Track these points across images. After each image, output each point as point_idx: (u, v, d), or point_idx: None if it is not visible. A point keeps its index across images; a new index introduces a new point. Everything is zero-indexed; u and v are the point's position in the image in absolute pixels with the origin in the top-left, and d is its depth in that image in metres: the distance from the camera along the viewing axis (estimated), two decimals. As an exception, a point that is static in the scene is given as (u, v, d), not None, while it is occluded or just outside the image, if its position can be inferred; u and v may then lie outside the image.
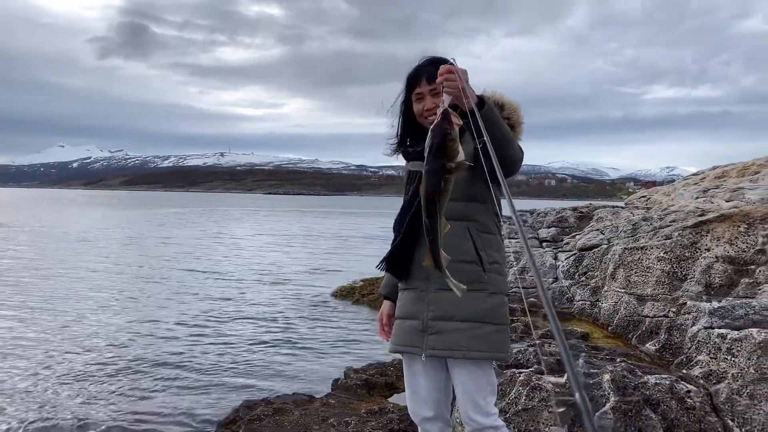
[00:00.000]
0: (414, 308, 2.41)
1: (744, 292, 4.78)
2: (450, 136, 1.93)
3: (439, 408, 2.49)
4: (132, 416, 6.00)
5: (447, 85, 2.05)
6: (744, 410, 3.43)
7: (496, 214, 2.43)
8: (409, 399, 2.54)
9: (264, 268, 18.18)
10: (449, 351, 2.32)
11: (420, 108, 2.41)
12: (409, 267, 2.44)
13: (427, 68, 2.40)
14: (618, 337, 5.38)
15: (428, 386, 2.46)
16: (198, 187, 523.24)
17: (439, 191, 1.95)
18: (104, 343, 8.74)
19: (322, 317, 11.08)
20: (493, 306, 2.34)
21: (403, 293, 2.51)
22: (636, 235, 6.36)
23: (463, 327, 2.30)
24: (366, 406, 5.61)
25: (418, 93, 2.41)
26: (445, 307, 2.33)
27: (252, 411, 5.38)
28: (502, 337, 2.34)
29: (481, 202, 2.36)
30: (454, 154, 1.94)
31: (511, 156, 2.20)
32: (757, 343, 3.53)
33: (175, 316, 10.77)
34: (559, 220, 8.58)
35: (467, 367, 2.33)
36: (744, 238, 5.26)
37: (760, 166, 9.65)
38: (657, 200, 9.95)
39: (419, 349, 2.37)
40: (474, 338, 2.29)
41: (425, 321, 2.37)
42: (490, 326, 2.32)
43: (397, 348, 2.47)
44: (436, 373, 2.46)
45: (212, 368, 7.67)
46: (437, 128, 1.96)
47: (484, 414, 2.33)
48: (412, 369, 2.49)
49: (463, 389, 2.35)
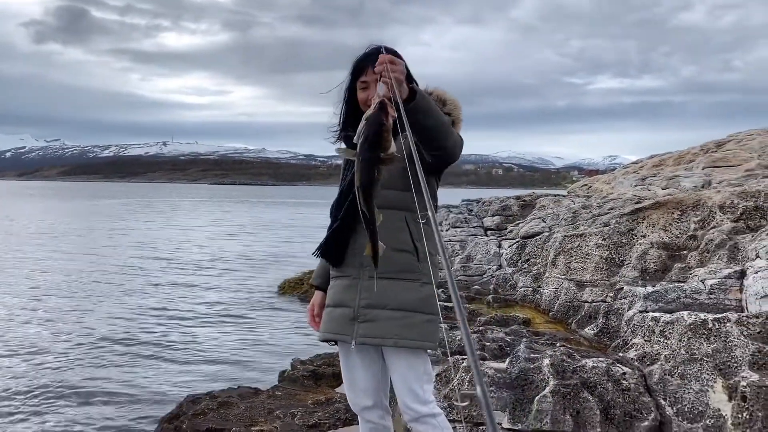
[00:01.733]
0: (345, 296, 2.40)
1: (677, 277, 4.97)
2: (385, 126, 1.93)
3: (378, 396, 2.50)
4: (70, 412, 5.82)
5: (385, 75, 2.05)
6: (675, 389, 3.57)
7: (434, 206, 2.45)
8: (348, 389, 2.54)
9: (209, 259, 17.87)
10: (381, 339, 2.32)
11: (365, 96, 2.39)
12: (344, 254, 2.42)
13: (373, 57, 2.38)
14: (558, 323, 5.52)
15: (365, 376, 2.46)
16: (140, 178, 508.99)
17: (374, 181, 1.95)
18: (46, 334, 8.43)
19: (268, 309, 10.98)
20: (426, 296, 2.35)
21: (335, 281, 2.48)
22: (576, 222, 6.53)
23: (395, 316, 2.31)
24: (313, 397, 5.59)
25: (364, 81, 2.40)
26: (378, 295, 2.32)
27: (196, 405, 5.29)
28: (432, 327, 2.36)
29: (418, 192, 2.38)
30: (388, 144, 1.94)
31: (450, 143, 2.23)
32: (688, 325, 3.68)
33: (117, 309, 10.48)
34: (503, 208, 8.72)
35: (403, 356, 2.34)
36: (677, 224, 5.46)
37: (694, 155, 10.05)
38: (598, 188, 10.24)
39: (349, 337, 2.36)
40: (406, 327, 2.30)
41: (357, 309, 2.36)
42: (422, 316, 2.33)
43: (326, 336, 2.46)
44: (371, 362, 2.46)
45: (155, 363, 7.51)
46: (373, 118, 1.95)
47: (422, 402, 2.35)
48: (348, 360, 2.48)
49: (400, 379, 2.36)
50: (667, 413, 3.55)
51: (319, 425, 4.80)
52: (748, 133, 10.18)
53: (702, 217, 5.38)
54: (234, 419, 4.97)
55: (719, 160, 8.86)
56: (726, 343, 3.50)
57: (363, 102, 2.41)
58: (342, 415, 4.94)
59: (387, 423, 2.54)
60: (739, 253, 4.70)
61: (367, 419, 2.51)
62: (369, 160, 1.94)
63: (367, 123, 1.96)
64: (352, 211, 2.33)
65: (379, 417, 2.50)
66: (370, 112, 1.97)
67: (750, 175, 7.56)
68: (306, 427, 4.73)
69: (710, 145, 10.15)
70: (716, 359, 3.50)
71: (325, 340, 2.52)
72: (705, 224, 5.34)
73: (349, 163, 2.44)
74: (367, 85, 2.39)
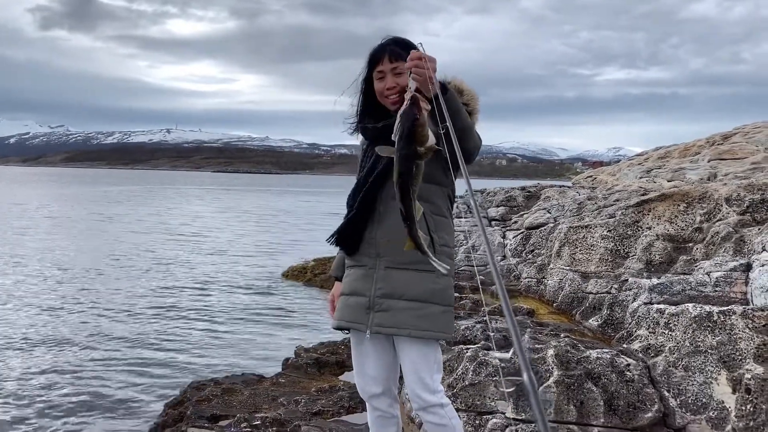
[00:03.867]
0: (361, 285, 2.40)
1: (682, 269, 4.96)
2: (419, 121, 1.94)
3: (387, 384, 2.51)
4: (76, 398, 5.86)
5: (415, 71, 2.06)
6: (679, 381, 3.58)
7: (450, 199, 2.47)
8: (357, 376, 2.55)
9: (215, 247, 17.91)
10: (396, 329, 2.33)
11: (381, 86, 2.39)
12: (359, 243, 2.43)
13: (390, 47, 2.38)
14: (562, 313, 5.52)
15: (376, 364, 2.48)
16: (143, 165, 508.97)
17: (411, 176, 1.97)
18: (49, 320, 8.48)
19: (273, 297, 11.01)
20: (442, 287, 2.36)
21: (350, 270, 2.49)
22: (581, 214, 6.51)
23: (411, 306, 2.32)
24: (316, 385, 5.62)
25: (380, 71, 2.39)
26: (394, 285, 2.33)
27: (200, 392, 5.32)
28: (447, 318, 2.38)
29: (437, 185, 2.38)
30: (424, 139, 1.96)
31: (471, 146, 2.24)
32: (693, 317, 3.68)
33: (124, 295, 10.53)
34: (507, 199, 8.71)
35: (416, 345, 2.35)
36: (683, 216, 5.44)
37: (700, 147, 10.00)
38: (603, 180, 10.21)
39: (363, 325, 2.37)
40: (421, 318, 2.31)
41: (372, 298, 2.36)
42: (437, 307, 2.34)
43: (341, 323, 2.47)
44: (383, 351, 2.47)
45: (160, 349, 7.55)
46: (406, 114, 1.95)
47: (431, 391, 2.37)
48: (360, 347, 2.50)
49: (411, 368, 2.37)
50: (670, 405, 3.56)
51: (323, 413, 4.83)
52: (754, 126, 10.12)
53: (708, 210, 5.36)
54: (238, 406, 5.00)
55: (725, 152, 8.81)
56: (731, 336, 3.50)
57: (380, 92, 2.40)
58: (345, 403, 4.96)
59: (395, 411, 2.55)
60: (745, 246, 4.68)
61: (375, 406, 2.53)
62: (406, 155, 1.96)
63: (402, 119, 1.97)
64: (368, 201, 2.36)
65: (387, 405, 2.52)
66: (404, 108, 1.98)
67: (756, 167, 7.52)
68: (309, 414, 4.75)
69: (716, 138, 10.09)
70: (721, 352, 3.50)
71: (338, 328, 2.52)
72: (711, 217, 5.32)
73: (366, 153, 2.44)
74: (384, 75, 2.38)
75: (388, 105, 2.39)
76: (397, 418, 2.56)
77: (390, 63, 2.36)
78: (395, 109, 2.36)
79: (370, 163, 2.39)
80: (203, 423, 4.63)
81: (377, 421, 2.54)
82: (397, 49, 2.36)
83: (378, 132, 2.35)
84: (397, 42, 2.39)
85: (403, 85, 2.30)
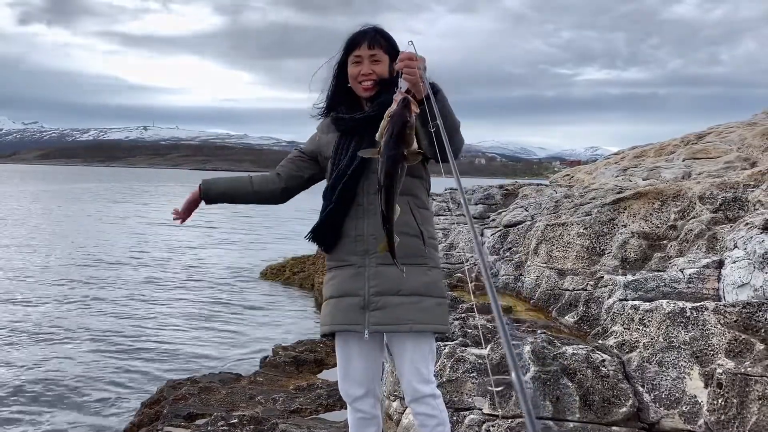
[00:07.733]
0: (352, 285, 2.34)
1: (656, 266, 5.03)
2: (409, 123, 1.93)
3: (372, 385, 2.48)
4: (50, 396, 5.78)
5: (406, 72, 2.04)
6: (653, 377, 3.63)
7: (427, 191, 2.47)
8: (341, 379, 2.50)
9: (193, 246, 17.75)
10: (395, 325, 2.30)
11: (356, 71, 2.36)
12: (338, 238, 2.37)
13: (371, 33, 2.37)
14: (539, 310, 5.56)
15: (362, 365, 2.43)
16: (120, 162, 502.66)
17: (397, 178, 1.98)
18: (22, 318, 8.33)
19: (251, 295, 10.95)
20: (434, 280, 2.36)
21: (335, 271, 2.40)
22: (558, 211, 6.57)
23: (408, 301, 2.29)
24: (294, 383, 5.60)
25: (357, 56, 2.36)
26: (388, 281, 2.29)
27: (177, 390, 5.27)
28: (443, 310, 2.38)
29: (419, 178, 2.39)
30: (411, 141, 1.96)
31: (457, 144, 2.24)
32: (666, 313, 3.73)
33: (100, 294, 10.38)
34: (486, 197, 8.76)
35: (413, 339, 2.33)
36: (658, 214, 5.52)
37: (675, 146, 10.14)
38: (580, 179, 10.31)
39: (360, 326, 2.32)
40: (419, 311, 2.30)
41: (367, 297, 2.31)
42: (432, 299, 2.33)
43: (334, 328, 2.38)
44: (370, 350, 2.42)
45: (137, 348, 7.47)
46: (398, 115, 1.94)
47: (425, 381, 2.36)
48: (347, 350, 2.43)
49: (407, 359, 2.35)
50: (644, 400, 3.61)
51: (301, 410, 4.81)
52: (727, 126, 10.29)
53: (682, 208, 5.44)
54: (215, 404, 4.97)
55: (699, 152, 8.95)
56: (703, 332, 3.56)
57: (353, 76, 2.37)
58: (324, 401, 4.95)
59: (376, 412, 2.52)
60: (718, 243, 4.76)
61: (358, 408, 2.48)
62: (393, 157, 1.95)
63: (392, 120, 1.95)
64: (347, 194, 2.32)
65: (370, 406, 2.49)
66: (394, 109, 1.96)
67: (729, 166, 7.64)
68: (287, 412, 4.73)
69: (691, 137, 10.24)
70: (693, 347, 3.55)
71: (330, 333, 2.41)
72: (685, 214, 5.40)
73: (341, 144, 2.39)
74: (361, 60, 2.35)
75: (359, 91, 2.36)
76: (377, 417, 2.54)
77: (369, 49, 2.34)
78: (366, 96, 2.35)
79: (348, 155, 2.34)
80: (180, 422, 4.59)
81: (358, 422, 2.50)
82: (378, 37, 2.35)
83: (355, 123, 2.33)
84: (378, 31, 2.38)
85: (379, 73, 2.30)
